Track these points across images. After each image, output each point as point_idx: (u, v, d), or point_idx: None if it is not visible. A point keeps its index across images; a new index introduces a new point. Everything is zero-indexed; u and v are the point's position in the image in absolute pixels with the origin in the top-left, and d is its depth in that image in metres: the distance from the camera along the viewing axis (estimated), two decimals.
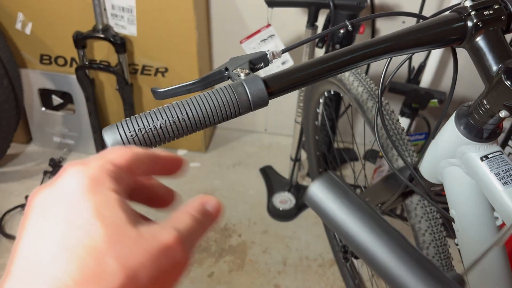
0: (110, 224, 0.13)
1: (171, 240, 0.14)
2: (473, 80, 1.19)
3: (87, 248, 0.12)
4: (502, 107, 0.36)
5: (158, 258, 0.13)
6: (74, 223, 0.12)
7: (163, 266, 0.13)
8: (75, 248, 0.12)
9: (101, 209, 0.13)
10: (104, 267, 0.12)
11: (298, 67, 0.35)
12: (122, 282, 0.12)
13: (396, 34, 0.36)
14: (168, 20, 1.15)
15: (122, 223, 0.13)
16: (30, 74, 1.29)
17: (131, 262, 0.12)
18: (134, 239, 0.13)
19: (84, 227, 0.12)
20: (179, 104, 0.31)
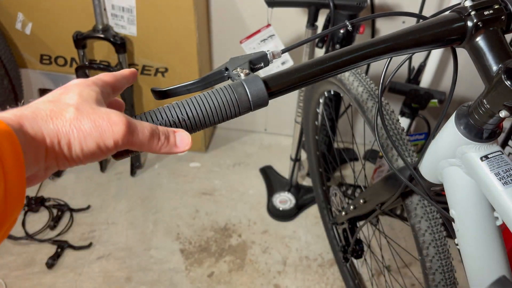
0: (82, 98, 0.28)
1: (114, 118, 0.27)
2: (473, 80, 1.20)
3: (72, 100, 0.27)
4: (502, 107, 0.36)
5: (99, 119, 0.27)
6: (72, 94, 0.28)
7: (102, 125, 0.26)
8: (72, 99, 0.28)
9: (82, 92, 0.28)
10: (68, 103, 0.27)
11: (298, 67, 0.35)
12: (74, 108, 0.27)
13: (396, 34, 0.36)
14: (168, 20, 1.15)
15: (88, 99, 0.28)
16: (30, 74, 1.29)
17: (82, 107, 0.27)
18: (92, 107, 0.27)
19: (74, 96, 0.28)
20: (179, 104, 0.31)
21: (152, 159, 1.42)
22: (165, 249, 1.13)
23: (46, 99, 0.27)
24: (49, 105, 0.26)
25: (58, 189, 1.27)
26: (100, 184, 1.30)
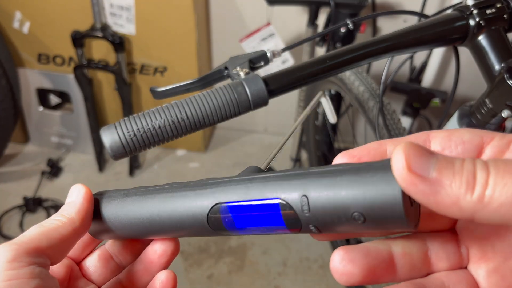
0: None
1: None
2: (475, 79, 1.19)
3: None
4: (504, 107, 0.36)
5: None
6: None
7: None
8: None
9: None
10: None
11: (299, 66, 0.34)
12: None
13: (398, 33, 0.36)
14: (167, 19, 1.14)
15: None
16: (28, 73, 1.29)
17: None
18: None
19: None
20: (178, 104, 0.31)
21: (151, 159, 1.42)
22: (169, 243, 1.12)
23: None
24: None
25: (56, 189, 1.27)
26: (99, 185, 1.29)
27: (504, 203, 0.13)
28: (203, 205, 0.19)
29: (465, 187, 0.14)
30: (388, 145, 0.18)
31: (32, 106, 1.35)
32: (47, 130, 1.40)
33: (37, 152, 1.42)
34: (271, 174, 0.19)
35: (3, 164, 1.35)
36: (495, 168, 0.14)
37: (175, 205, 0.20)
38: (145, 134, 0.30)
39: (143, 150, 0.31)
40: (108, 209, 0.23)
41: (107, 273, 0.24)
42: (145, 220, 0.21)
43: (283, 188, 0.17)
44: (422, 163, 0.14)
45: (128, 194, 0.22)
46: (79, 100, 1.30)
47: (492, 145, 0.17)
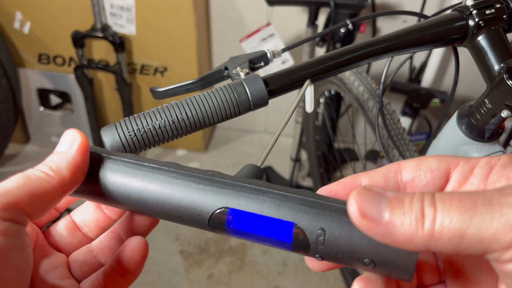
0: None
1: None
2: (474, 79, 1.19)
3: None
4: (504, 107, 0.36)
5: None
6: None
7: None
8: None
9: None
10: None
11: (298, 66, 0.35)
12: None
13: (397, 33, 0.36)
14: (168, 19, 1.14)
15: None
16: (28, 73, 1.29)
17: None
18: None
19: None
20: (178, 104, 0.31)
21: None
22: (164, 250, 1.13)
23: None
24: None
25: None
26: None
27: (453, 236, 0.14)
28: (211, 204, 0.19)
29: (415, 225, 0.15)
30: (362, 178, 0.19)
31: (33, 106, 1.35)
32: (47, 130, 1.40)
33: (38, 152, 1.42)
34: (287, 194, 0.18)
35: (3, 164, 1.35)
36: (442, 203, 0.15)
37: (181, 194, 0.19)
38: (145, 134, 0.30)
39: (143, 150, 0.31)
40: (108, 174, 0.20)
41: (74, 243, 0.23)
42: (145, 200, 0.20)
43: (302, 214, 0.18)
44: (374, 207, 0.15)
45: (133, 165, 0.20)
46: (80, 100, 1.30)
47: (457, 170, 0.18)
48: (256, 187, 0.19)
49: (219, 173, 0.20)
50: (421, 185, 0.18)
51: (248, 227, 0.18)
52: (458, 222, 0.14)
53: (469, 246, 0.14)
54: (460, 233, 0.14)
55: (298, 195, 0.18)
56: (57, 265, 0.21)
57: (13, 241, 0.16)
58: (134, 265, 0.21)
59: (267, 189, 0.19)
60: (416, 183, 0.18)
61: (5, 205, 0.16)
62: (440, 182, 0.18)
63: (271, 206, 0.18)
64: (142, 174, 0.20)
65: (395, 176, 0.19)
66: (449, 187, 0.18)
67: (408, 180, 0.19)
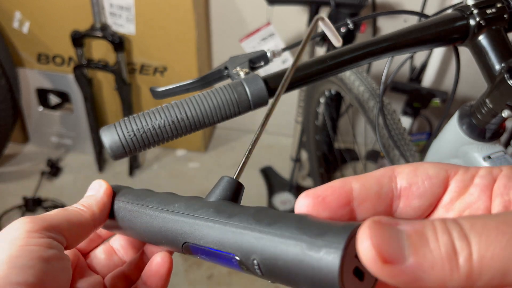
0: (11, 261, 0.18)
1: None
2: (475, 79, 1.19)
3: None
4: (504, 107, 0.36)
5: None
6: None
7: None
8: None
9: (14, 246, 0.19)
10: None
11: (299, 66, 0.34)
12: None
13: (398, 33, 0.36)
14: (167, 19, 1.14)
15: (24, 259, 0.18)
16: (27, 73, 1.29)
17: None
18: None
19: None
20: (178, 104, 0.31)
21: (150, 159, 1.41)
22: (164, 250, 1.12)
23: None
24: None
25: (56, 189, 1.27)
26: None
27: (496, 274, 0.12)
28: (178, 239, 0.21)
29: (448, 266, 0.12)
30: (354, 183, 0.17)
31: (32, 106, 1.35)
32: (46, 130, 1.40)
33: (37, 152, 1.41)
34: (229, 222, 0.19)
35: (3, 164, 1.35)
36: (475, 233, 0.12)
37: (165, 230, 0.22)
38: (145, 134, 0.30)
39: (143, 150, 0.31)
40: (120, 211, 0.24)
41: (110, 265, 0.26)
42: (148, 234, 0.23)
43: (237, 245, 0.18)
44: (393, 248, 0.12)
45: (140, 203, 0.24)
46: (79, 100, 1.30)
47: (456, 179, 0.16)
48: (205, 217, 0.20)
49: (196, 197, 0.23)
50: (417, 193, 0.17)
51: (206, 256, 0.20)
52: (500, 256, 0.12)
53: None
54: (503, 269, 0.12)
55: (239, 222, 0.18)
56: (94, 284, 0.24)
57: (54, 252, 0.19)
58: (160, 278, 0.24)
59: (213, 219, 0.20)
60: (413, 191, 0.17)
61: (48, 226, 0.20)
62: (439, 191, 0.16)
63: (215, 238, 0.19)
64: (136, 214, 0.24)
65: (389, 182, 0.17)
66: (447, 197, 0.17)
67: (403, 187, 0.17)
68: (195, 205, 0.21)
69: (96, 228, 0.23)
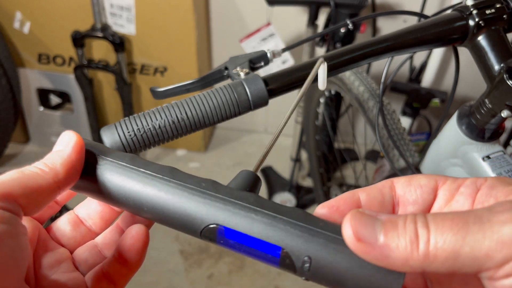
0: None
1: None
2: (475, 79, 1.19)
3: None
4: (504, 107, 0.36)
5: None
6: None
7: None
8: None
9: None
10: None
11: (299, 66, 0.34)
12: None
13: (397, 33, 0.36)
14: (168, 19, 1.14)
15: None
16: (28, 73, 1.29)
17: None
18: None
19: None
20: (178, 104, 0.31)
21: (151, 159, 1.42)
22: (164, 250, 1.12)
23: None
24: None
25: None
26: None
27: (448, 257, 0.14)
28: (202, 219, 0.19)
29: (410, 248, 0.15)
30: (360, 193, 0.20)
31: (33, 106, 1.35)
32: (47, 130, 1.40)
33: (37, 152, 1.42)
34: (277, 216, 0.19)
35: (3, 164, 1.35)
36: (434, 223, 0.15)
37: (175, 205, 0.20)
38: (145, 134, 0.30)
39: (143, 150, 0.31)
40: (105, 173, 0.21)
41: (77, 237, 0.23)
42: (141, 205, 0.20)
43: (290, 240, 0.18)
44: (368, 231, 0.16)
45: (129, 168, 0.21)
46: (79, 100, 1.30)
47: (444, 188, 0.19)
48: (247, 205, 0.19)
49: (214, 183, 0.21)
50: (411, 200, 0.19)
51: (237, 243, 0.19)
52: (451, 242, 0.14)
53: (464, 266, 0.14)
54: (454, 253, 0.14)
55: (289, 217, 0.18)
56: (61, 259, 0.22)
57: (7, 227, 0.16)
58: (136, 252, 0.21)
59: (258, 209, 0.19)
60: (406, 198, 0.19)
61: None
62: (429, 198, 0.19)
63: (261, 228, 0.18)
64: (139, 180, 0.20)
65: (390, 192, 0.20)
66: (436, 204, 0.19)
67: (400, 196, 0.20)
68: (226, 189, 0.20)
69: (60, 192, 0.19)
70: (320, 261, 0.17)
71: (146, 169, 0.21)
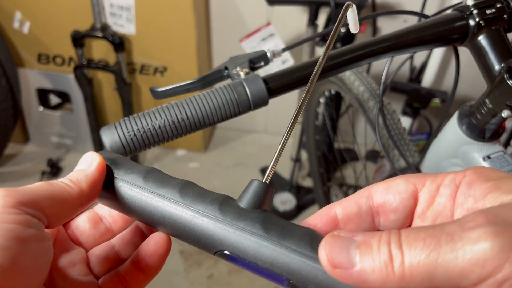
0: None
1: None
2: (475, 79, 1.19)
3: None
4: (504, 107, 0.36)
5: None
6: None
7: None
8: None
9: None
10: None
11: (299, 66, 0.34)
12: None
13: (398, 33, 0.36)
14: (167, 19, 1.14)
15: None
16: (28, 73, 1.29)
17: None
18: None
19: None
20: (178, 104, 0.31)
21: (150, 159, 1.41)
22: None
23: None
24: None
25: None
26: None
27: (424, 278, 0.14)
28: (213, 244, 0.20)
29: (385, 270, 0.15)
30: (337, 208, 0.19)
31: (32, 106, 1.35)
32: (47, 130, 1.40)
33: (37, 152, 1.42)
34: (284, 245, 0.18)
35: (3, 164, 1.35)
36: (407, 244, 0.15)
37: (189, 230, 0.20)
38: (145, 134, 0.30)
39: (143, 150, 0.31)
40: (122, 190, 0.21)
41: (96, 235, 0.23)
42: (155, 223, 0.21)
43: (294, 270, 0.18)
44: (343, 256, 0.15)
45: (142, 190, 0.21)
46: (79, 100, 1.30)
47: (424, 191, 0.18)
48: (254, 232, 0.19)
49: (223, 202, 0.21)
50: (391, 208, 0.19)
51: (248, 267, 0.19)
52: (425, 264, 0.14)
53: (441, 284, 0.14)
54: (429, 274, 0.14)
55: (293, 245, 0.18)
56: (76, 261, 0.22)
57: (33, 232, 0.17)
58: (157, 258, 0.22)
59: (264, 236, 0.19)
60: (386, 207, 0.19)
61: (27, 202, 0.17)
62: (410, 204, 0.19)
63: (266, 258, 0.18)
64: (152, 204, 0.21)
65: (367, 202, 0.19)
66: (419, 208, 0.19)
67: (378, 205, 0.19)
68: (234, 213, 0.20)
69: (83, 207, 0.20)
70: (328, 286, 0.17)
71: (159, 191, 0.21)
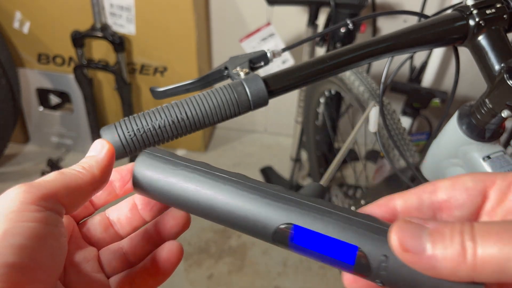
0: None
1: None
2: (475, 79, 1.19)
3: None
4: (504, 107, 0.36)
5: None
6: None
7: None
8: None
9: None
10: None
11: (299, 66, 0.34)
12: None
13: (398, 33, 0.36)
14: (167, 19, 1.14)
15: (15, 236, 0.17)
16: (28, 73, 1.29)
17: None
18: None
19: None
20: (178, 104, 0.31)
21: None
22: None
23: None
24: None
25: None
26: None
27: (495, 270, 0.15)
28: (276, 219, 0.19)
29: (457, 259, 0.15)
30: (397, 199, 0.20)
31: (32, 106, 1.35)
32: (47, 130, 1.40)
33: (37, 152, 1.42)
34: (352, 217, 0.18)
35: (3, 164, 1.35)
36: (481, 237, 0.15)
37: (248, 207, 0.20)
38: (145, 134, 0.30)
39: None
40: (155, 170, 0.21)
41: (106, 238, 0.24)
42: (211, 210, 0.20)
43: (366, 239, 0.18)
44: (415, 241, 0.16)
45: (183, 165, 0.21)
46: (79, 100, 1.30)
47: (495, 189, 0.18)
48: (321, 206, 0.19)
49: (284, 188, 0.21)
50: (457, 204, 0.19)
51: (311, 245, 0.19)
52: (498, 257, 0.15)
53: (510, 279, 0.15)
54: (500, 268, 0.15)
55: (363, 219, 0.18)
56: (89, 258, 0.23)
57: (51, 229, 0.17)
58: (170, 265, 0.22)
59: (332, 210, 0.19)
60: (451, 203, 0.19)
61: (45, 196, 0.18)
62: (477, 200, 0.18)
63: (336, 227, 0.18)
64: (212, 184, 0.21)
65: (430, 197, 0.19)
66: (488, 205, 0.18)
67: (443, 200, 0.19)
68: (297, 193, 0.20)
69: (95, 191, 0.21)
70: (397, 260, 0.17)
71: (217, 172, 0.21)
